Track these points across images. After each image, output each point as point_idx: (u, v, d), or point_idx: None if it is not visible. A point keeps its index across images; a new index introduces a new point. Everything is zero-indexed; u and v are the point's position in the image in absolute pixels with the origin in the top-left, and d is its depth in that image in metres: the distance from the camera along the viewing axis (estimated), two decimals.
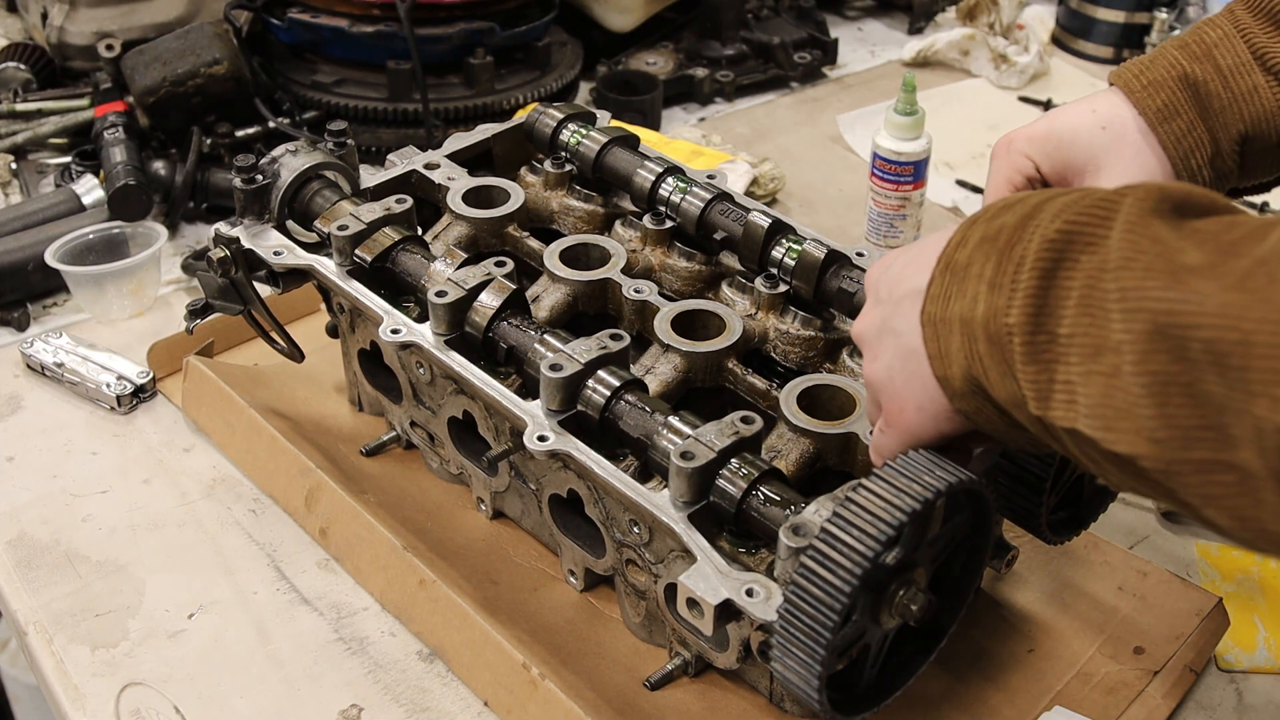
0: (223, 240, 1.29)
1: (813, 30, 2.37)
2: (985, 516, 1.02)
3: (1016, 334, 0.76)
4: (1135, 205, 0.73)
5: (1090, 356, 0.72)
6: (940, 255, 0.85)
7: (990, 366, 0.79)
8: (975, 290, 0.80)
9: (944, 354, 0.84)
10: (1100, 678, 1.15)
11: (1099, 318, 0.71)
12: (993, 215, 0.83)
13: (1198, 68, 1.08)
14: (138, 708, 1.12)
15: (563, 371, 1.09)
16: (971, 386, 0.82)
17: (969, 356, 0.81)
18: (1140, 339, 0.68)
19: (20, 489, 1.36)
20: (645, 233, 1.33)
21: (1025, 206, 0.80)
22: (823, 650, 0.88)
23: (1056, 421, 0.75)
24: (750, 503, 1.01)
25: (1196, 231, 0.70)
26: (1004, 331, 0.77)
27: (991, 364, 0.79)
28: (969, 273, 0.81)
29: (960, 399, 0.85)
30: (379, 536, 1.22)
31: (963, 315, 0.81)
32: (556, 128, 1.43)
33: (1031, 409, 0.76)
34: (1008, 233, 0.79)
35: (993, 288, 0.79)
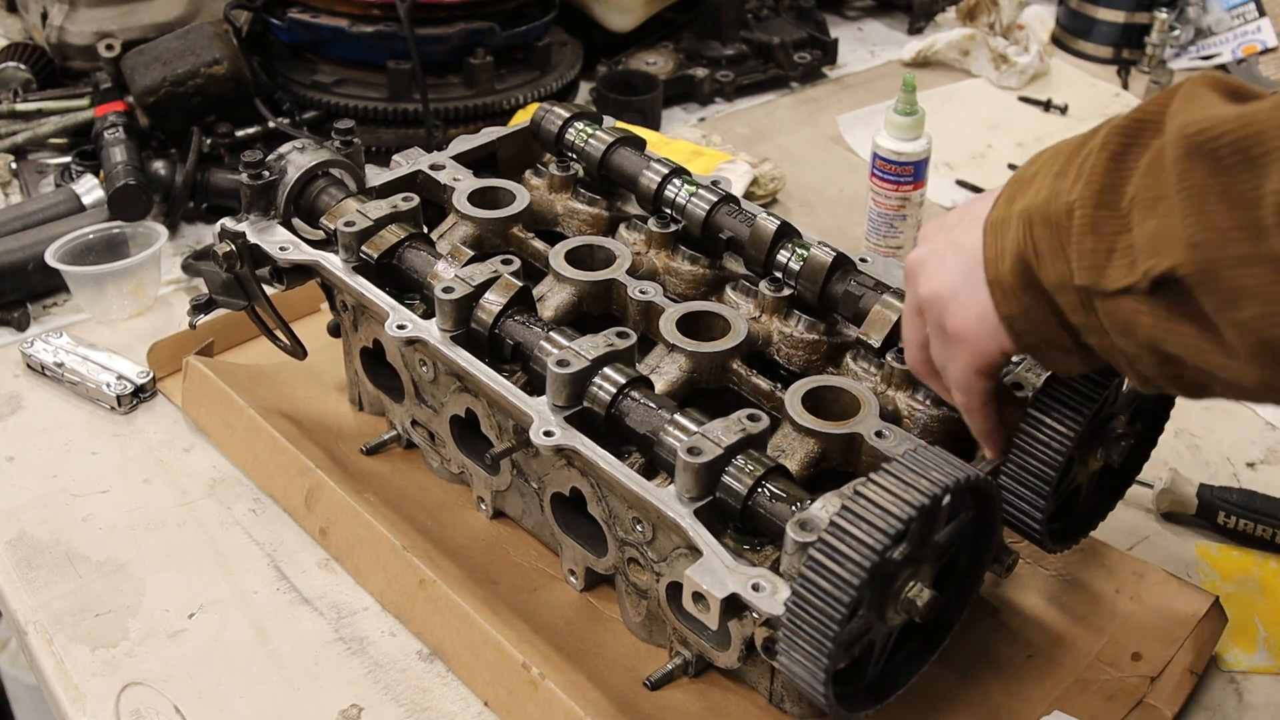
0: (228, 235, 1.29)
1: (813, 30, 2.37)
2: (991, 514, 1.02)
3: (1079, 208, 0.81)
4: (1193, 82, 0.80)
5: (1149, 207, 0.77)
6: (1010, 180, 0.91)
7: (1043, 248, 0.84)
8: (1039, 185, 0.86)
9: (998, 253, 0.88)
10: (1100, 684, 1.14)
11: (1158, 175, 0.77)
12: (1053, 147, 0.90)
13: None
14: (138, 707, 1.12)
15: (569, 368, 1.09)
16: (1020, 277, 0.87)
17: (1021, 243, 0.86)
18: (1181, 162, 0.75)
19: (20, 489, 1.36)
20: (650, 235, 1.33)
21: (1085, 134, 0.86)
22: (830, 644, 0.89)
23: (1106, 285, 0.80)
24: (757, 499, 1.01)
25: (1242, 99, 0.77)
26: (1064, 210, 0.82)
27: (1045, 244, 0.84)
28: (1036, 177, 0.87)
29: (1008, 298, 0.88)
30: (379, 536, 1.22)
31: (1024, 207, 0.86)
32: (563, 126, 1.43)
33: (1078, 279, 0.81)
34: (1076, 142, 0.86)
35: (1058, 177, 0.85)
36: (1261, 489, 1.34)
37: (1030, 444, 1.05)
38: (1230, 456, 1.46)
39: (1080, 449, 1.08)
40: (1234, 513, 1.32)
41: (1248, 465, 1.44)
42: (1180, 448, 1.46)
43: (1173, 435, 1.45)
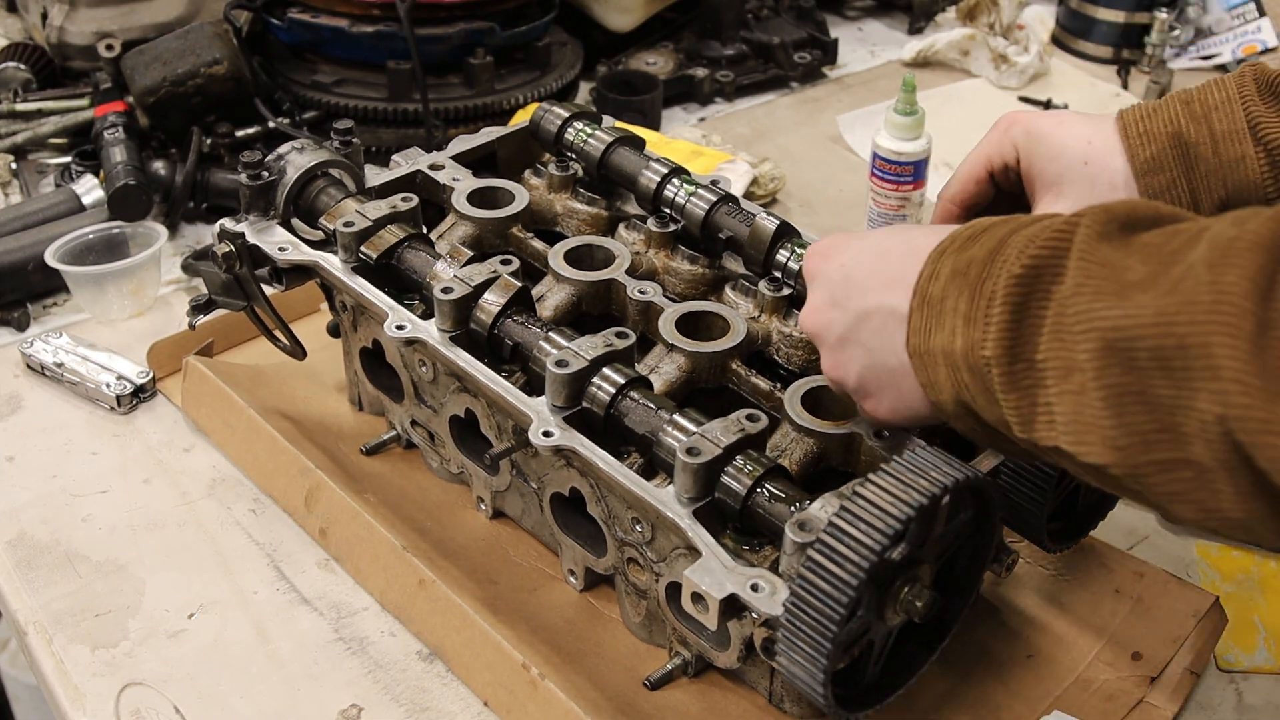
0: (228, 235, 1.29)
1: (813, 30, 2.37)
2: (990, 514, 1.02)
3: (994, 365, 0.81)
4: (1086, 231, 0.78)
5: (1062, 378, 0.76)
6: (915, 288, 0.90)
7: (976, 394, 0.85)
8: (952, 324, 0.85)
9: (934, 383, 0.89)
10: (1099, 684, 1.15)
11: (1067, 342, 0.76)
12: (960, 246, 0.88)
13: (1193, 128, 1.11)
14: (137, 707, 1.12)
15: (568, 368, 1.10)
16: (963, 410, 0.88)
17: (956, 385, 0.86)
18: (1095, 356, 0.73)
19: (20, 489, 1.36)
20: (649, 235, 1.33)
21: (991, 240, 0.85)
22: (829, 644, 0.89)
23: (1041, 441, 0.80)
24: (755, 499, 1.01)
25: (1143, 246, 0.75)
26: (982, 363, 0.82)
27: (977, 391, 0.84)
28: (944, 307, 0.86)
29: (957, 420, 0.90)
30: (379, 536, 1.22)
31: (944, 348, 0.86)
32: (562, 126, 1.43)
33: (1017, 432, 0.81)
34: (977, 267, 0.84)
35: (968, 322, 0.84)
36: None
37: None
38: None
39: None
40: None
41: None
42: None
43: None
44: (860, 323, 0.96)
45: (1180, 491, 0.72)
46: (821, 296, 1.01)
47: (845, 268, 0.99)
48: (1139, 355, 0.71)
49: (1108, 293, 0.74)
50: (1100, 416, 0.74)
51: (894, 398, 0.96)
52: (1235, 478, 0.68)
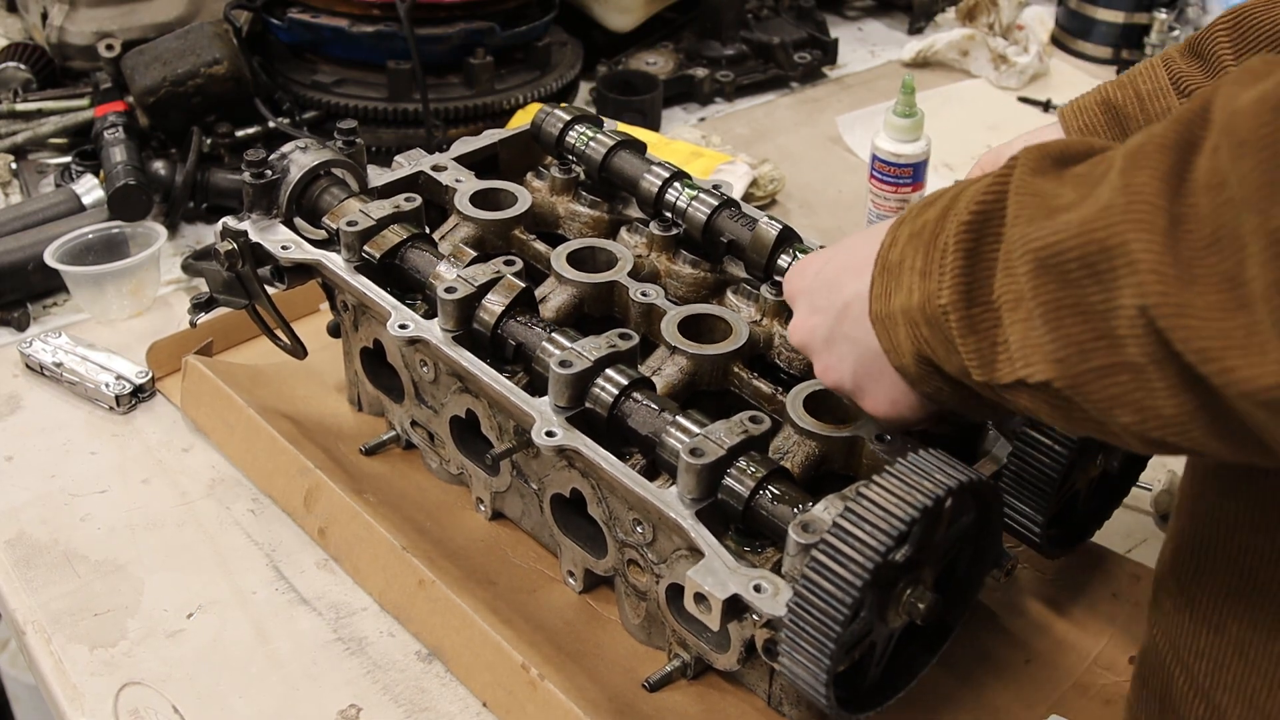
0: (230, 233, 1.29)
1: (813, 30, 2.37)
2: (992, 518, 1.02)
3: (951, 312, 0.83)
4: (1021, 168, 0.81)
5: (1012, 309, 0.79)
6: (875, 258, 0.92)
7: (936, 346, 0.86)
8: (909, 282, 0.87)
9: (895, 346, 0.90)
10: (1098, 688, 1.15)
11: (1013, 275, 0.78)
12: (917, 213, 0.90)
13: (1119, 93, 1.19)
14: (136, 707, 1.12)
15: (572, 368, 1.10)
16: (925, 369, 0.89)
17: (916, 341, 0.88)
18: (1032, 277, 0.76)
19: (19, 488, 1.36)
20: (651, 238, 1.33)
21: (944, 200, 0.88)
22: (832, 645, 0.89)
23: (1000, 379, 0.81)
24: (759, 500, 1.01)
25: (1074, 175, 0.77)
26: (939, 313, 0.84)
27: (936, 344, 0.86)
28: (902, 268, 0.88)
29: (919, 382, 0.91)
30: (378, 536, 1.22)
31: (903, 306, 0.88)
32: (564, 129, 1.43)
33: (976, 376, 0.83)
34: (931, 226, 0.87)
35: (923, 276, 0.86)
36: None
37: (1030, 450, 1.05)
38: None
39: (1080, 455, 1.08)
40: None
41: None
42: None
43: None
44: (841, 318, 0.97)
45: (1118, 395, 0.73)
46: (803, 308, 1.03)
47: (819, 274, 1.01)
48: (1069, 267, 0.73)
49: (1040, 217, 0.76)
50: (1042, 335, 0.76)
51: (888, 386, 0.96)
52: (1164, 370, 0.70)
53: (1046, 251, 0.75)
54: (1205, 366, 0.67)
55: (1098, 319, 0.72)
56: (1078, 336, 0.74)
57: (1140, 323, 0.69)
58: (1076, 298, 0.73)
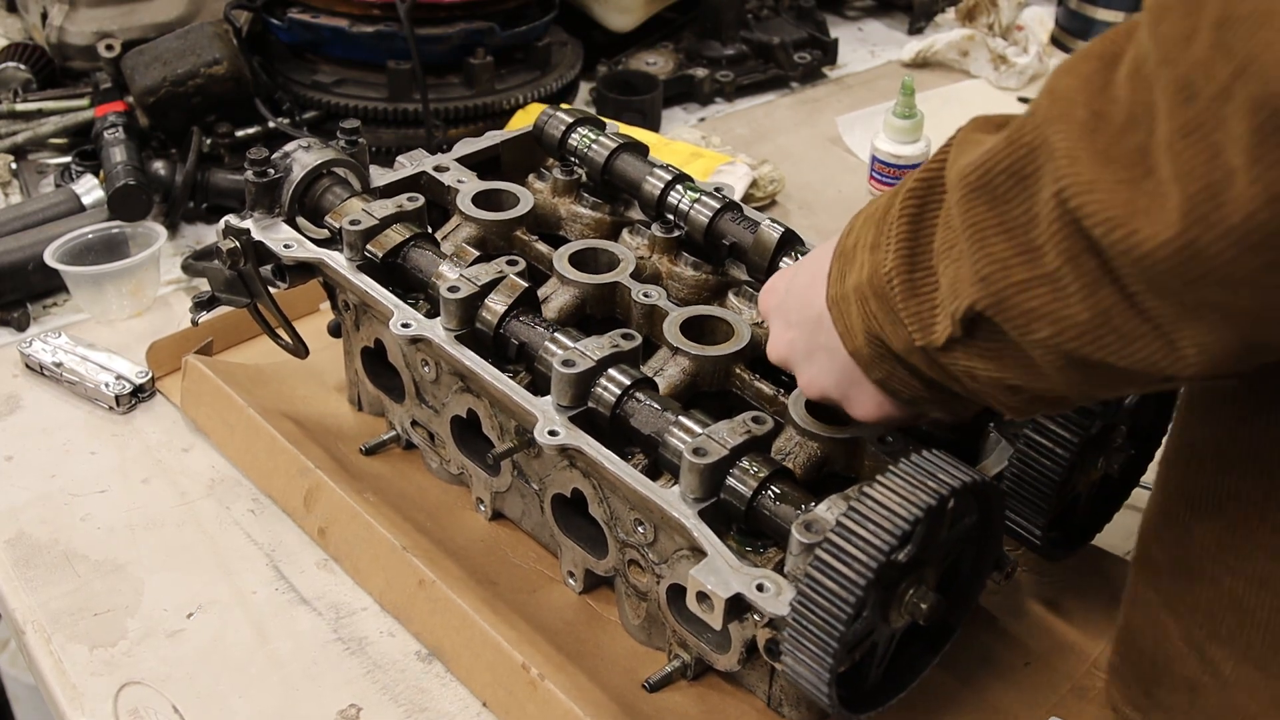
0: (233, 232, 1.29)
1: (813, 30, 2.37)
2: (994, 519, 1.02)
3: (895, 276, 0.84)
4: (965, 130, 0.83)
5: (945, 254, 0.81)
6: (834, 250, 0.93)
7: (883, 320, 0.87)
8: (861, 259, 0.88)
9: (849, 328, 0.91)
10: (1097, 691, 1.14)
11: (950, 225, 0.80)
12: (874, 201, 0.92)
13: None
14: (136, 707, 1.12)
15: (575, 368, 1.10)
16: (875, 348, 0.89)
17: (866, 318, 0.88)
18: (962, 205, 0.78)
19: (19, 488, 1.36)
20: (653, 240, 1.33)
21: (898, 185, 0.89)
22: (835, 644, 0.89)
23: (937, 339, 0.82)
24: (761, 500, 1.01)
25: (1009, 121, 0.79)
26: (885, 281, 0.85)
27: (883, 316, 0.87)
28: (856, 248, 0.90)
29: (872, 367, 0.91)
30: (378, 536, 1.22)
31: (855, 284, 0.89)
32: (566, 131, 1.43)
33: (917, 341, 0.84)
34: (883, 204, 0.88)
35: (873, 249, 0.87)
36: None
37: (1031, 453, 1.05)
38: None
39: (1080, 459, 1.08)
40: None
41: None
42: None
43: None
44: (815, 330, 0.96)
45: (1037, 308, 0.74)
46: (778, 325, 1.03)
47: (789, 289, 1.01)
48: (997, 182, 0.75)
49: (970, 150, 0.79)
50: (967, 263, 0.78)
51: (872, 390, 0.96)
52: (1079, 268, 0.71)
53: (976, 174, 0.76)
54: (1109, 237, 0.67)
55: (1020, 232, 0.74)
56: (1000, 253, 0.75)
57: (1056, 214, 0.70)
58: (1001, 215, 0.75)
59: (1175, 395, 1.16)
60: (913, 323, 0.84)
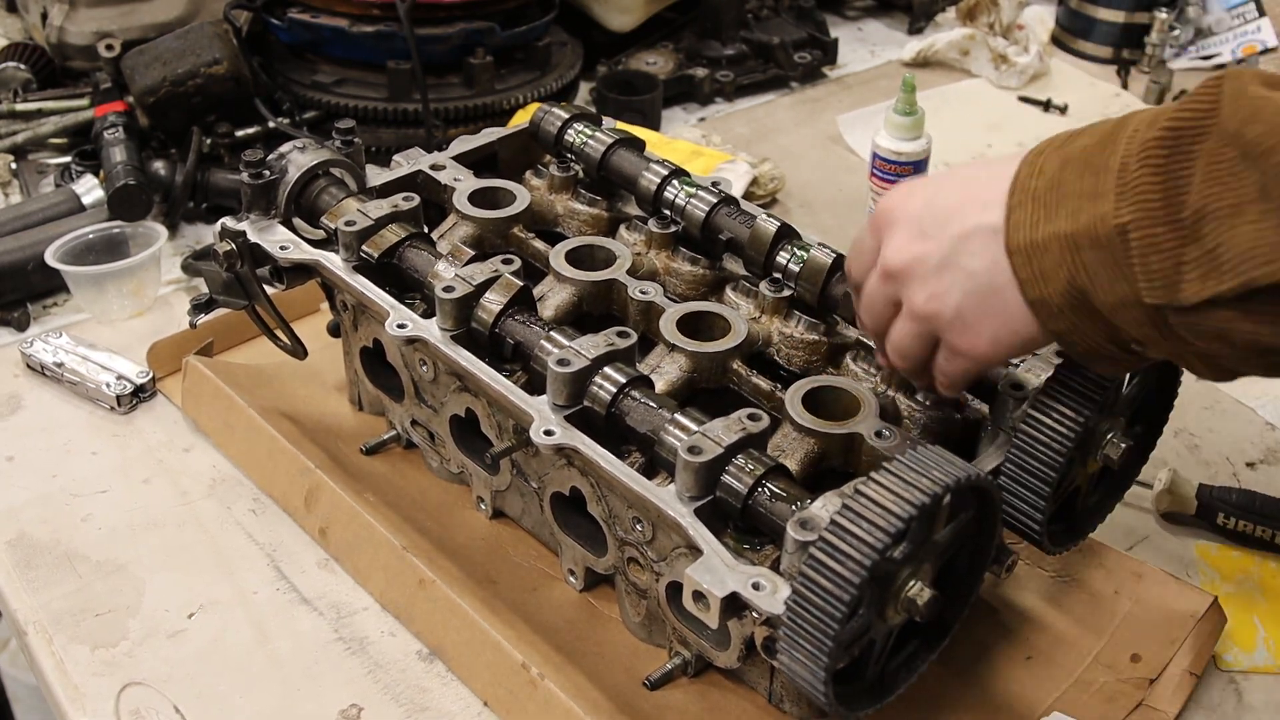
0: (229, 234, 1.29)
1: (813, 30, 2.37)
2: (991, 514, 1.02)
3: (1134, 229, 0.82)
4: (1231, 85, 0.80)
5: (1232, 216, 0.78)
6: (1011, 189, 0.90)
7: (1097, 271, 0.84)
8: (1074, 205, 0.85)
9: (1040, 275, 0.88)
10: (1099, 686, 1.14)
11: (1231, 183, 0.78)
12: (1062, 144, 0.89)
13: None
14: (137, 707, 1.12)
15: (570, 367, 1.10)
16: (1073, 300, 0.87)
17: (1072, 268, 0.86)
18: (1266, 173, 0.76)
19: (20, 489, 1.36)
20: (650, 236, 1.33)
21: (1099, 130, 0.87)
22: (830, 642, 0.89)
23: (1186, 299, 0.80)
24: (757, 498, 1.01)
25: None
26: (1115, 232, 0.83)
27: (1099, 268, 0.84)
28: (1061, 193, 0.87)
29: (1057, 318, 0.89)
30: (378, 536, 1.22)
31: (1059, 232, 0.86)
32: (562, 127, 1.43)
33: (1148, 299, 0.82)
34: (1093, 151, 0.86)
35: (1091, 198, 0.84)
36: (1261, 489, 1.34)
37: (1030, 445, 1.05)
38: (1230, 456, 1.46)
39: (1080, 450, 1.08)
40: (1233, 514, 1.32)
41: (1247, 465, 1.44)
42: (1180, 447, 1.46)
43: (1172, 435, 1.45)
44: (959, 247, 0.94)
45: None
46: (907, 232, 0.99)
47: (930, 201, 0.98)
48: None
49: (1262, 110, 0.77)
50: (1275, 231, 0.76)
51: (998, 323, 0.94)
52: None
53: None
54: None
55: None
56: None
57: None
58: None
59: (1175, 387, 1.16)
60: (1151, 279, 0.82)
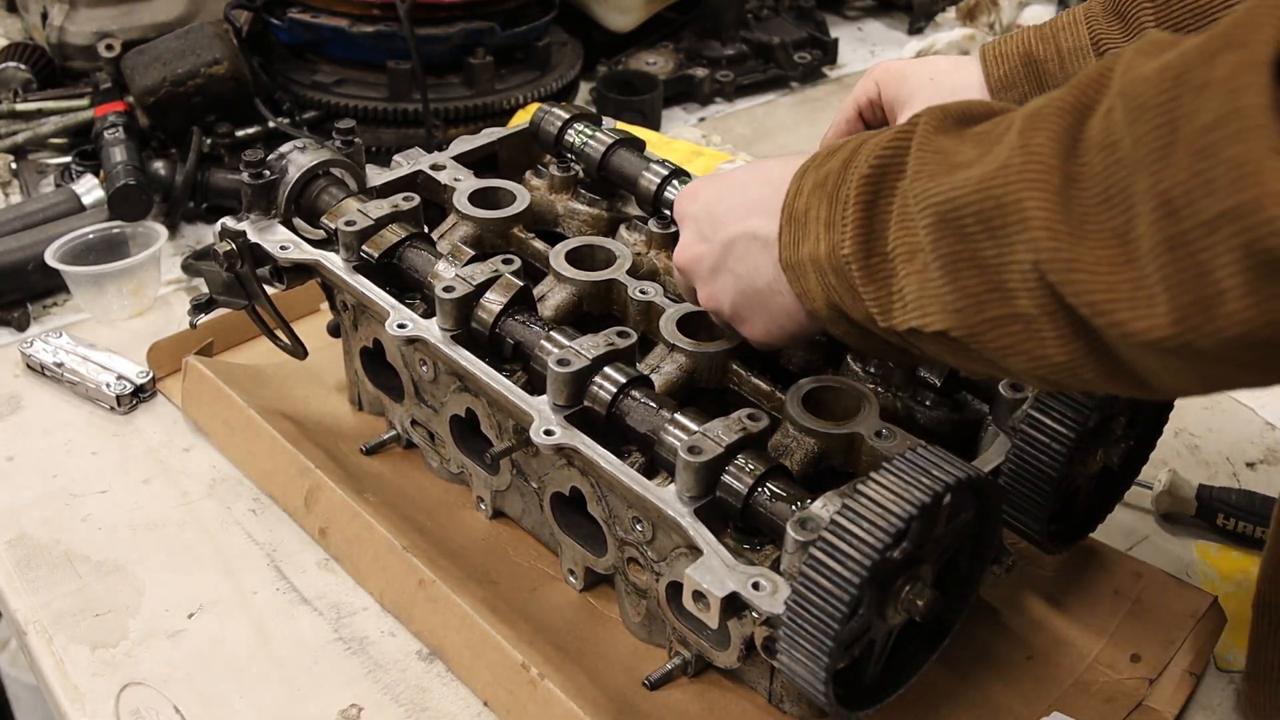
0: (229, 234, 1.29)
1: (813, 30, 2.37)
2: (991, 514, 1.02)
3: (853, 262, 0.88)
4: (924, 127, 0.85)
5: (908, 261, 0.84)
6: (781, 207, 0.97)
7: (842, 294, 0.91)
8: (816, 232, 0.92)
9: (806, 292, 0.95)
10: (1099, 686, 1.14)
11: (909, 227, 0.83)
12: (820, 163, 0.95)
13: (1041, 47, 1.21)
14: (137, 707, 1.12)
15: (570, 366, 1.10)
16: (836, 313, 0.94)
17: (826, 289, 0.92)
18: (931, 231, 0.80)
19: (20, 489, 1.36)
20: (650, 236, 1.33)
21: (845, 151, 0.92)
22: (830, 642, 0.89)
23: (898, 326, 0.86)
24: (757, 498, 1.01)
25: (974, 135, 0.81)
26: (843, 262, 0.89)
27: (843, 291, 0.90)
28: (809, 218, 0.93)
29: (832, 325, 0.97)
30: (378, 536, 1.22)
31: (811, 255, 0.93)
32: (562, 127, 1.43)
33: (880, 323, 0.88)
34: (834, 177, 0.91)
35: (828, 227, 0.90)
36: (1261, 489, 1.34)
37: (1030, 445, 1.05)
38: (1230, 456, 1.46)
39: (1080, 451, 1.08)
40: (1233, 515, 1.32)
41: (1247, 465, 1.45)
42: (1180, 448, 1.46)
43: (1172, 435, 1.45)
44: (727, 251, 1.03)
45: (1012, 345, 0.77)
46: (690, 234, 1.10)
47: (709, 205, 1.07)
48: (966, 222, 0.77)
49: (940, 174, 0.80)
50: (939, 286, 0.80)
51: (765, 318, 1.03)
52: (1055, 322, 0.74)
53: (946, 206, 0.79)
54: (1097, 319, 0.70)
55: (992, 272, 0.76)
56: (973, 289, 0.78)
57: (1033, 277, 0.73)
58: (972, 251, 0.77)
59: None
60: (874, 305, 0.88)
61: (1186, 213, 0.63)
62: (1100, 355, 0.73)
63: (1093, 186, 0.69)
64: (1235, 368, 0.67)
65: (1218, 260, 0.62)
